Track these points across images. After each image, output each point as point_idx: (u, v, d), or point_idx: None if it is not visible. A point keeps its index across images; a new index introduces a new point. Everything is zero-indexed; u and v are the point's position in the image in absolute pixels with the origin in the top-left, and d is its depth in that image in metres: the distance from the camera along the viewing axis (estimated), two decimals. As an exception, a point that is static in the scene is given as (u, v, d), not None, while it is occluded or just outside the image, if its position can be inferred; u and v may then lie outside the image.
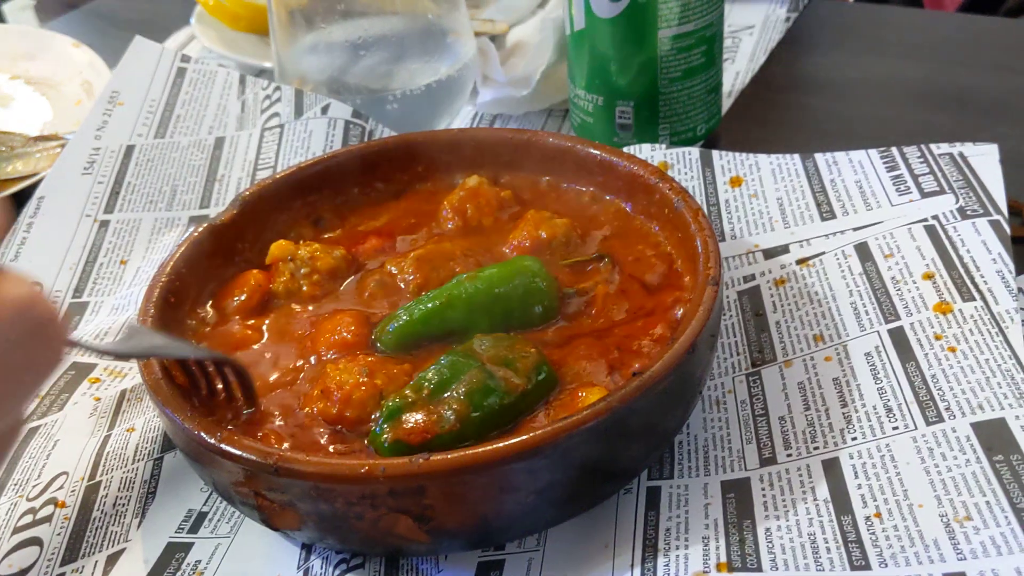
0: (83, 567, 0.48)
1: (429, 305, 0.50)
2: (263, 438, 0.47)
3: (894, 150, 0.60)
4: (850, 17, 0.91)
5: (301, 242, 0.57)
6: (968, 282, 0.51)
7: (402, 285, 0.54)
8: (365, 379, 0.47)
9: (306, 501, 0.42)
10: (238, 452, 0.43)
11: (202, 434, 0.44)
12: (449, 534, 0.43)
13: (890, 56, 0.84)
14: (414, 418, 0.45)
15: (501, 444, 0.41)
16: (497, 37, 0.85)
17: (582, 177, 0.59)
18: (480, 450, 0.41)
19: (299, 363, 0.51)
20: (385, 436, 0.44)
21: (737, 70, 0.82)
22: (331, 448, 0.46)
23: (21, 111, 0.88)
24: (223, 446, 0.43)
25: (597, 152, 0.58)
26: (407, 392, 0.45)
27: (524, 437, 0.41)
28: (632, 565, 0.43)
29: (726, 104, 0.77)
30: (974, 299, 0.50)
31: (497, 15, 0.87)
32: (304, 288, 0.55)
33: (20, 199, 0.72)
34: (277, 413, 0.48)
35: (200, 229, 0.56)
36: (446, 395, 0.45)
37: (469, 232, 0.58)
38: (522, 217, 0.57)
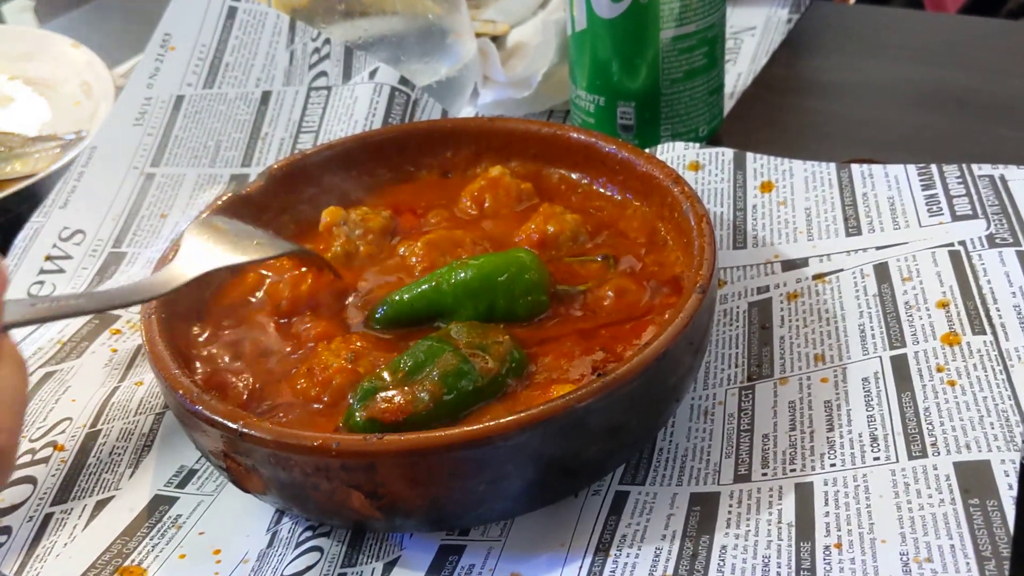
0: (71, 509, 0.50)
1: (419, 289, 0.50)
2: (264, 406, 0.48)
3: (933, 167, 0.58)
4: (851, 19, 0.89)
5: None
6: (982, 314, 0.48)
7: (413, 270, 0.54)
8: (349, 365, 0.48)
9: (267, 467, 0.43)
10: (209, 414, 0.44)
11: (181, 394, 0.45)
12: (402, 513, 0.43)
13: (891, 58, 0.82)
14: (388, 398, 0.45)
15: (454, 431, 0.41)
16: (498, 38, 0.83)
17: (604, 174, 0.58)
18: (432, 435, 0.41)
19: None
20: (359, 415, 0.45)
21: (739, 71, 0.80)
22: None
23: (19, 112, 0.86)
24: (197, 408, 0.44)
25: (618, 150, 0.57)
26: (382, 374, 0.46)
27: (476, 427, 0.41)
28: (580, 568, 0.43)
29: (728, 105, 0.75)
30: (984, 332, 0.48)
31: (498, 16, 0.86)
32: (361, 248, 0.56)
33: (18, 200, 0.71)
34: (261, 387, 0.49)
35: (224, 199, 0.57)
36: (420, 377, 0.45)
37: (485, 221, 0.58)
38: (536, 210, 0.56)
